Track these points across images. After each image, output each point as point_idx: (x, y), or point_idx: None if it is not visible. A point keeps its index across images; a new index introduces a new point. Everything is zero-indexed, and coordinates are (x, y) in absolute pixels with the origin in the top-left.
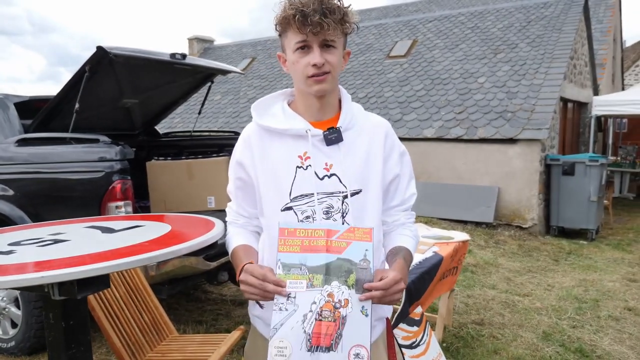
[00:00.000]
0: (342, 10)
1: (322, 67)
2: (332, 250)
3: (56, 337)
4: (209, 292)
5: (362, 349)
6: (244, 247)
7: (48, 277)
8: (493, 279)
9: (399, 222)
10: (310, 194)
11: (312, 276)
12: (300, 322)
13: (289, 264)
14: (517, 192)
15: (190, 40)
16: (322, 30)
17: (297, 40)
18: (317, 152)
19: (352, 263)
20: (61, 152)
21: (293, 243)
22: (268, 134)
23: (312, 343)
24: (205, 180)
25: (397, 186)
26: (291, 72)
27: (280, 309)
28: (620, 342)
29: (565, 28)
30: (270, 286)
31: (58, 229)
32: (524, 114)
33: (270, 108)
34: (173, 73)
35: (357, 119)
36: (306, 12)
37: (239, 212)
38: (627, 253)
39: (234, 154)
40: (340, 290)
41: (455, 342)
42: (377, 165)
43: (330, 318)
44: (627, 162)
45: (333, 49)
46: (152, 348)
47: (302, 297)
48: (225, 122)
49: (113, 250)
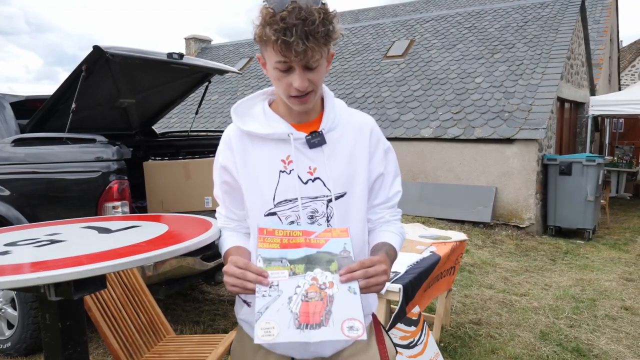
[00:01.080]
0: (326, 29)
1: (305, 89)
2: (312, 245)
3: (52, 337)
4: (206, 292)
5: (356, 321)
6: (236, 249)
7: (44, 278)
8: (490, 278)
9: (384, 220)
10: (294, 199)
11: (294, 266)
12: (286, 304)
13: (269, 257)
14: (515, 192)
15: (188, 40)
16: (306, 56)
17: (277, 60)
18: (301, 156)
19: (332, 254)
20: (58, 152)
21: (272, 240)
22: (249, 137)
23: (300, 321)
24: (202, 180)
25: (381, 184)
26: (271, 80)
27: (264, 295)
28: (617, 342)
29: (562, 28)
30: (250, 275)
31: (54, 229)
32: (521, 114)
33: (251, 110)
34: (170, 73)
35: (340, 118)
36: (289, 41)
37: (228, 216)
38: (623, 253)
39: (217, 158)
40: (323, 275)
41: (453, 341)
42: (362, 165)
43: (317, 298)
44: (623, 161)
45: (317, 67)
46: (149, 349)
47: (285, 283)
48: (222, 122)
49: (110, 251)
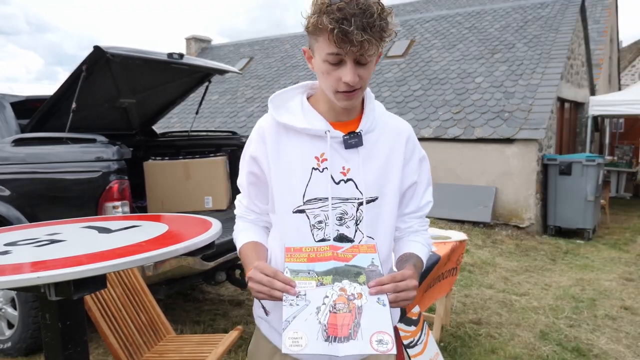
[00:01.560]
0: (382, 25)
1: (354, 84)
2: (339, 259)
3: (53, 337)
4: (206, 292)
5: (385, 334)
6: (254, 245)
7: (44, 278)
8: (490, 278)
9: (412, 229)
10: (324, 198)
11: (322, 278)
12: (314, 313)
13: (296, 269)
14: (515, 191)
15: (188, 40)
16: (362, 49)
17: (330, 52)
18: (335, 155)
19: (359, 268)
20: (58, 152)
21: (299, 256)
22: (284, 130)
23: (328, 333)
24: (203, 180)
25: (413, 193)
26: (317, 75)
27: (291, 304)
28: (616, 341)
29: (562, 28)
30: (278, 283)
31: (54, 229)
32: (521, 113)
33: (288, 102)
34: (170, 73)
35: (378, 120)
36: (347, 30)
37: (250, 207)
38: (623, 252)
39: (248, 148)
40: (352, 286)
41: (453, 341)
42: (396, 172)
43: (345, 310)
44: (623, 161)
45: (368, 63)
46: (149, 348)
47: (313, 292)
48: (222, 122)
49: (110, 251)
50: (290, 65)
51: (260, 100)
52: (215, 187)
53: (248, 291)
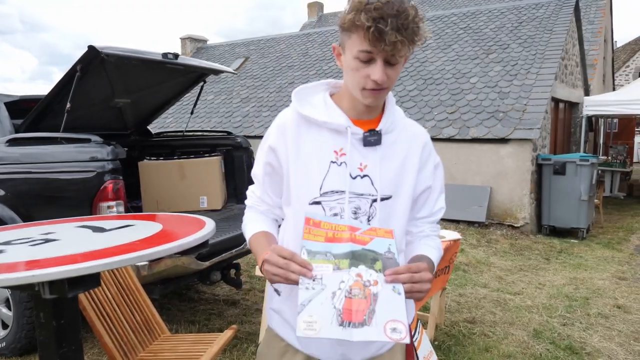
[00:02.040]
0: (416, 26)
1: (382, 83)
2: (357, 242)
3: (47, 336)
4: (201, 292)
5: (399, 323)
6: (264, 234)
7: (38, 276)
8: (485, 277)
9: (424, 234)
10: (341, 191)
11: (339, 261)
12: (330, 298)
13: (314, 251)
14: (509, 191)
15: (183, 40)
16: (394, 49)
17: (362, 49)
18: (354, 151)
19: (377, 253)
20: (52, 152)
21: (317, 233)
22: (305, 123)
23: (343, 318)
24: (198, 180)
25: (427, 198)
26: (345, 72)
27: (307, 288)
28: (609, 340)
29: (557, 29)
30: (295, 266)
31: (49, 229)
32: (516, 114)
33: (312, 97)
34: (165, 73)
35: (397, 124)
36: (383, 29)
37: (262, 198)
38: (617, 252)
39: (267, 138)
40: (368, 272)
41: (447, 340)
42: (411, 174)
43: (360, 295)
44: (617, 161)
45: (397, 65)
46: (144, 348)
47: (329, 277)
48: (218, 122)
49: (103, 249)
50: (286, 65)
51: (256, 100)
52: (210, 187)
53: (243, 291)
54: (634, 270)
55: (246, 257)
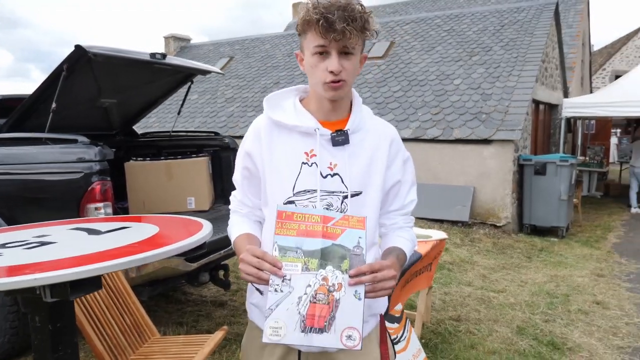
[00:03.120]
0: (364, 17)
1: (339, 74)
2: (328, 236)
3: (42, 340)
4: (188, 293)
5: (354, 330)
6: (247, 236)
7: (41, 279)
8: (469, 276)
9: (397, 226)
10: (312, 189)
11: (308, 260)
12: (295, 303)
13: (285, 246)
14: (492, 191)
15: (167, 39)
16: (344, 37)
17: (316, 44)
18: (323, 151)
19: (346, 249)
20: (38, 153)
21: (290, 227)
22: (277, 128)
23: (306, 324)
24: (185, 180)
25: (397, 192)
26: (307, 73)
27: (276, 290)
28: (589, 335)
29: (537, 32)
30: (266, 265)
31: (42, 231)
32: (498, 115)
33: (282, 102)
34: (152, 73)
35: (365, 122)
36: (330, 19)
37: (243, 201)
38: (595, 249)
39: (243, 144)
40: (334, 275)
41: (434, 338)
42: (380, 170)
43: (324, 301)
44: (594, 162)
45: (351, 55)
46: (134, 350)
47: (297, 279)
48: (202, 122)
49: (104, 252)
50: (271, 66)
51: (241, 100)
52: (198, 188)
53: (231, 292)
54: (611, 267)
55: (234, 258)
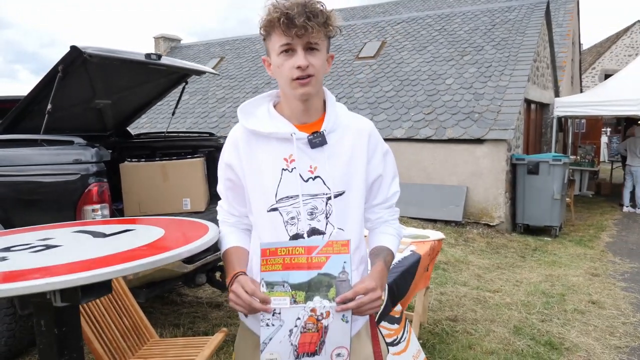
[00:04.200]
0: (325, 14)
1: (306, 69)
2: (313, 266)
3: (48, 344)
4: (184, 294)
5: (343, 349)
6: (235, 250)
7: (52, 284)
8: (464, 276)
9: (382, 220)
10: (295, 195)
11: (295, 293)
12: (287, 336)
13: (272, 282)
14: (485, 191)
15: (157, 39)
16: (307, 33)
17: (281, 43)
18: (302, 155)
19: (331, 277)
20: (34, 155)
21: (275, 262)
22: (254, 137)
23: (298, 352)
24: (180, 181)
25: (380, 185)
26: (276, 76)
27: (267, 324)
28: (586, 334)
29: (529, 31)
30: (257, 303)
31: (45, 234)
32: (491, 114)
33: (256, 110)
34: (147, 73)
35: (341, 120)
36: (291, 15)
37: (230, 211)
38: (588, 249)
39: (222, 156)
40: (322, 305)
41: (431, 338)
42: (360, 166)
43: (313, 329)
44: (586, 161)
45: (316, 51)
46: (133, 353)
47: (287, 313)
48: (193, 122)
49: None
50: (262, 66)
51: (232, 100)
52: (193, 189)
53: (226, 293)
54: (605, 266)
55: None
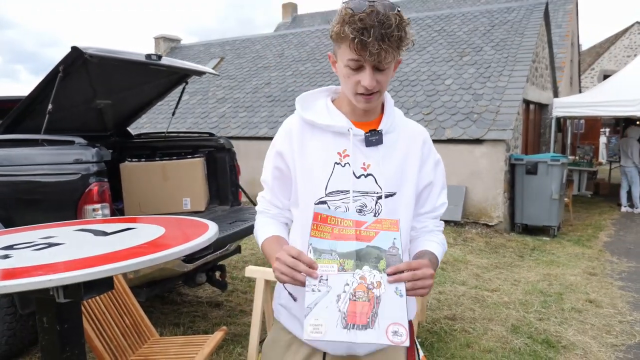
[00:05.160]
0: (400, 35)
1: (372, 89)
2: (362, 238)
3: (50, 340)
4: (184, 294)
5: (400, 326)
6: (277, 238)
7: (57, 280)
8: (463, 275)
9: (427, 229)
10: (345, 190)
11: (343, 261)
12: (335, 301)
13: (320, 249)
14: (484, 191)
15: (157, 40)
16: (380, 57)
17: (350, 58)
18: (357, 151)
19: (381, 250)
20: (35, 155)
21: (324, 229)
22: (310, 128)
23: (347, 321)
24: (181, 181)
25: (429, 193)
26: (340, 78)
27: (313, 290)
28: (583, 333)
29: (528, 32)
30: (302, 266)
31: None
32: (490, 115)
33: (314, 103)
34: (147, 74)
35: (397, 124)
36: (366, 41)
37: (272, 202)
38: (586, 248)
39: (274, 144)
40: (372, 274)
41: (430, 337)
42: (413, 170)
43: (364, 298)
44: (584, 161)
45: (385, 70)
46: (134, 351)
47: (335, 279)
48: (194, 123)
49: (115, 253)
50: (262, 66)
51: (232, 100)
52: (193, 189)
53: (227, 293)
54: (603, 266)
55: (230, 259)
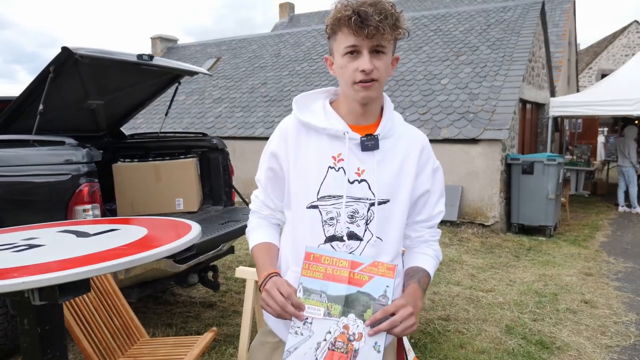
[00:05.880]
0: (395, 15)
1: (370, 73)
2: (354, 282)
3: (31, 343)
4: (177, 294)
5: None
6: (267, 247)
7: (29, 283)
8: (458, 275)
9: (423, 239)
10: (338, 195)
11: (331, 305)
12: (314, 349)
13: (310, 288)
14: (480, 190)
15: (154, 40)
16: (377, 34)
17: (347, 44)
18: (352, 156)
19: (371, 297)
20: (25, 155)
21: (317, 269)
22: (305, 130)
23: None
24: (173, 182)
25: (425, 201)
26: (338, 75)
27: (296, 332)
28: (577, 334)
29: (524, 31)
30: (290, 308)
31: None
32: (486, 114)
33: (312, 104)
34: (140, 74)
35: (395, 128)
36: (363, 15)
37: (265, 202)
38: (583, 248)
39: (269, 144)
40: (355, 324)
41: (423, 337)
42: (409, 178)
43: (343, 349)
44: (582, 160)
45: (382, 54)
46: (123, 352)
47: (319, 324)
48: (190, 123)
49: (92, 254)
50: (258, 66)
51: (229, 100)
52: (186, 189)
53: (220, 293)
54: (599, 266)
55: (223, 260)
